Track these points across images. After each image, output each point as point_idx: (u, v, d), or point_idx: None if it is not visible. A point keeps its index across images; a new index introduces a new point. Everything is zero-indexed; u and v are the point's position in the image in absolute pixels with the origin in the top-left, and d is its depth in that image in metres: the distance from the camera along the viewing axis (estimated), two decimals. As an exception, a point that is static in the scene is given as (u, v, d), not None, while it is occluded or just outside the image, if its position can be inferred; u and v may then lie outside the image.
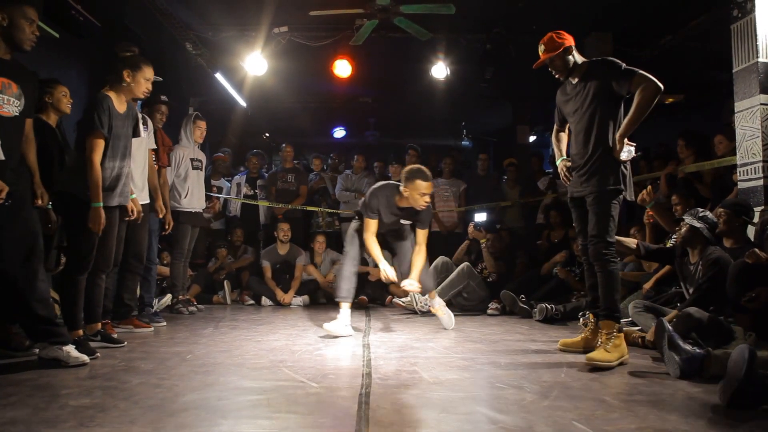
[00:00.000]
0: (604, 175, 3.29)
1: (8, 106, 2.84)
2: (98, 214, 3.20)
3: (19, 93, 2.90)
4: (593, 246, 3.31)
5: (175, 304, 5.30)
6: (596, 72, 3.35)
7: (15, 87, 2.88)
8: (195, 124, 5.35)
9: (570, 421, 2.06)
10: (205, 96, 8.67)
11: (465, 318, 5.20)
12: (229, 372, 2.88)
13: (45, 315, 2.95)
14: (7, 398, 2.31)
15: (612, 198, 3.29)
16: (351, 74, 7.30)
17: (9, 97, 2.85)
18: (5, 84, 2.84)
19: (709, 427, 2.03)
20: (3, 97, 2.82)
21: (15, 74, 2.90)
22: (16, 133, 2.93)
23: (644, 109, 3.19)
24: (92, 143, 3.21)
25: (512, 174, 7.51)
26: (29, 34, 2.90)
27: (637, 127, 3.23)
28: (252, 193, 7.33)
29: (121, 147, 3.42)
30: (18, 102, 2.89)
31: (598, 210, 3.30)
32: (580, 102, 3.40)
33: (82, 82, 5.59)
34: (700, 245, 3.66)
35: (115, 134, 3.34)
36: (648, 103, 3.18)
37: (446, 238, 7.06)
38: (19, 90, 2.90)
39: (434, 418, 2.12)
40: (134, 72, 3.42)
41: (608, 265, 3.28)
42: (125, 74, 3.40)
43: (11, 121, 2.86)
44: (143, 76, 3.45)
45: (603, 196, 3.29)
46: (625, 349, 3.20)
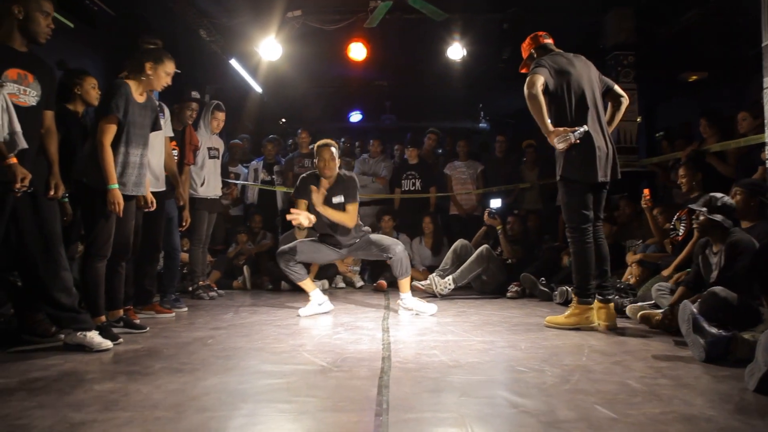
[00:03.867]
0: (558, 165, 3.64)
1: (25, 97, 2.86)
2: (115, 195, 3.20)
3: (35, 84, 2.91)
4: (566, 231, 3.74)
5: (195, 290, 5.34)
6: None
7: (31, 78, 2.89)
8: (213, 115, 5.34)
9: (592, 404, 2.04)
10: (220, 83, 8.65)
11: (484, 301, 5.18)
12: (250, 356, 2.90)
13: (68, 303, 2.99)
14: (34, 383, 2.36)
15: (565, 186, 3.64)
16: (366, 57, 7.22)
17: (26, 88, 2.86)
18: (21, 75, 2.85)
19: (736, 411, 1.99)
20: (20, 87, 2.84)
21: (31, 65, 2.91)
22: (33, 123, 2.94)
23: (531, 109, 3.48)
24: (104, 126, 3.22)
25: (531, 155, 7.41)
26: (44, 27, 2.90)
27: (539, 122, 3.48)
28: (269, 179, 7.34)
29: (137, 135, 3.42)
30: (35, 93, 2.90)
31: (561, 199, 3.75)
32: None
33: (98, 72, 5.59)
34: (721, 234, 3.46)
35: (131, 121, 3.34)
36: (529, 104, 3.47)
37: (465, 221, 7.02)
38: (36, 81, 2.91)
39: (454, 401, 2.11)
40: (156, 65, 3.42)
41: (573, 247, 3.66)
42: (147, 66, 3.39)
43: (28, 111, 2.88)
44: (164, 69, 3.46)
45: (559, 186, 3.70)
46: (583, 320, 3.60)
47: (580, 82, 3.63)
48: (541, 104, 3.43)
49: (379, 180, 7.23)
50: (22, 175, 2.64)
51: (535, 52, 3.87)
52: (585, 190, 3.60)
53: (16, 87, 2.83)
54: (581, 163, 3.53)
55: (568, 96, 3.60)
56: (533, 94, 3.43)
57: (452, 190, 7.15)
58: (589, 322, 3.62)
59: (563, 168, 3.59)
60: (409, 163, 7.24)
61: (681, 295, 3.52)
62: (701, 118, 5.33)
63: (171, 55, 3.53)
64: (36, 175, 2.95)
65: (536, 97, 3.42)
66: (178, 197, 4.61)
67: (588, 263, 3.63)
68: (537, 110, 3.45)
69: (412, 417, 1.92)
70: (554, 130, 3.45)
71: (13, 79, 2.82)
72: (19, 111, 2.81)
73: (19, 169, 2.63)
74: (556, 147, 3.51)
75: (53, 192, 3.02)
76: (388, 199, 7.18)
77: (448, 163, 7.35)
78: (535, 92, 3.43)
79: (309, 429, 1.83)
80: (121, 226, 3.41)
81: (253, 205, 7.39)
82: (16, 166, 2.63)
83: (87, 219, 3.28)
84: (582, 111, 3.59)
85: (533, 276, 5.30)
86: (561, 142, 3.44)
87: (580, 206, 3.59)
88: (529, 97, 3.45)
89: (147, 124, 3.51)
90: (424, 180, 7.10)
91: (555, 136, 3.45)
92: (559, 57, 3.73)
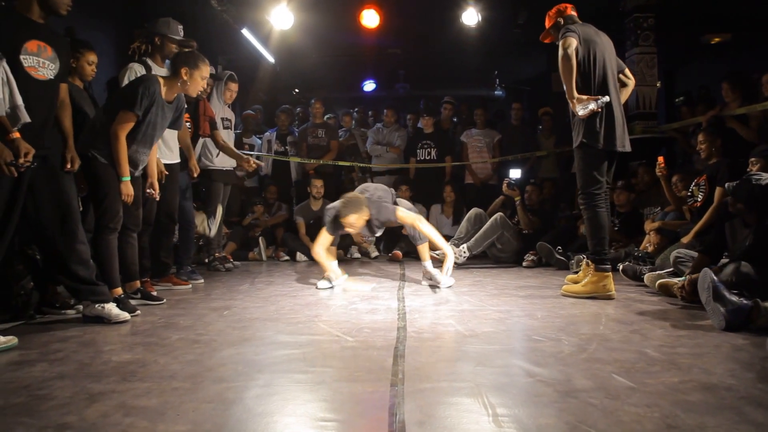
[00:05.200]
0: (574, 132, 3.68)
1: (43, 69, 2.82)
2: (127, 186, 3.27)
3: (54, 56, 2.87)
4: (578, 198, 3.80)
5: (212, 261, 5.38)
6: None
7: (50, 50, 2.85)
8: (227, 86, 5.30)
9: (609, 373, 2.02)
10: (232, 53, 8.58)
11: (500, 270, 5.16)
12: (266, 327, 2.91)
13: (86, 276, 3.02)
14: (54, 354, 2.40)
15: (579, 153, 3.67)
16: (379, 25, 7.10)
17: (44, 60, 2.82)
18: (41, 47, 2.81)
19: (758, 380, 1.95)
20: (38, 60, 2.79)
21: (50, 37, 2.86)
22: (50, 97, 2.91)
23: (562, 73, 3.46)
24: (122, 118, 3.19)
25: (547, 123, 7.30)
26: None
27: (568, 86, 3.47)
28: (282, 149, 7.32)
29: (151, 135, 3.41)
30: (53, 65, 2.86)
31: (576, 165, 3.78)
32: None
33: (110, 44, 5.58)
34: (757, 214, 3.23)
35: (150, 121, 3.32)
36: (561, 68, 3.45)
37: (480, 190, 6.98)
38: (54, 53, 2.87)
39: (470, 371, 2.10)
40: (192, 71, 3.35)
41: (587, 213, 3.68)
42: (183, 72, 3.34)
43: (46, 84, 2.85)
44: (201, 74, 3.39)
45: (576, 153, 3.71)
46: (600, 288, 3.58)
47: (604, 54, 3.67)
48: (573, 66, 3.44)
49: (393, 150, 7.17)
50: (26, 149, 2.59)
51: (562, 20, 3.81)
52: (602, 158, 3.64)
53: (35, 59, 2.78)
54: (603, 131, 3.56)
55: (593, 64, 3.61)
56: (569, 55, 3.41)
57: (468, 158, 7.08)
58: (605, 291, 3.59)
59: (584, 134, 3.59)
60: (424, 132, 7.16)
61: (700, 263, 3.46)
62: (723, 81, 5.17)
63: (205, 58, 3.46)
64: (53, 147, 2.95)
65: (570, 58, 3.42)
66: (191, 169, 4.60)
67: (603, 227, 3.66)
68: (568, 72, 3.44)
69: (428, 387, 1.92)
70: (578, 97, 3.46)
71: (32, 52, 2.76)
72: (36, 84, 2.78)
73: (22, 144, 2.59)
74: (578, 113, 3.51)
75: (70, 165, 3.02)
76: (404, 168, 7.13)
77: (465, 131, 7.25)
78: (570, 52, 3.42)
79: (325, 399, 1.84)
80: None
81: (268, 177, 7.39)
82: (19, 141, 2.58)
83: (95, 193, 3.28)
84: (605, 81, 3.62)
85: (549, 245, 5.25)
86: (583, 110, 3.46)
87: (595, 172, 3.62)
88: (563, 57, 3.42)
89: (165, 124, 3.48)
90: (439, 149, 7.03)
91: (578, 102, 3.46)
92: (586, 27, 3.72)
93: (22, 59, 2.73)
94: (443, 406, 1.75)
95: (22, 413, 1.71)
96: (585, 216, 3.73)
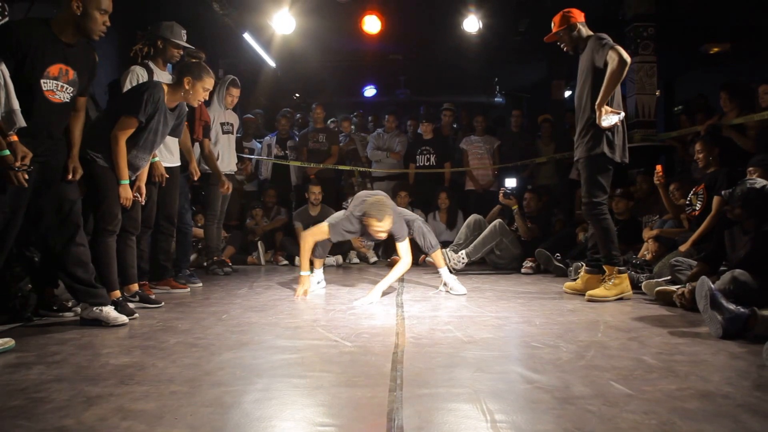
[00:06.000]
0: (591, 141, 3.72)
1: (61, 93, 2.82)
2: (126, 190, 3.29)
3: (74, 80, 2.87)
4: (584, 207, 3.88)
5: (210, 265, 5.38)
6: (589, 46, 3.77)
7: (72, 74, 2.85)
8: (228, 91, 5.30)
9: (608, 381, 2.02)
10: (234, 57, 8.60)
11: (499, 276, 5.16)
12: (264, 331, 2.91)
13: (84, 277, 3.01)
14: (52, 357, 2.39)
15: (596, 163, 3.72)
16: (380, 30, 7.13)
17: (64, 84, 2.82)
18: (63, 71, 2.81)
19: (754, 388, 1.96)
20: (58, 84, 2.79)
21: (75, 60, 2.86)
22: (63, 116, 2.93)
23: (613, 80, 3.52)
24: (125, 123, 3.20)
25: (547, 131, 7.32)
26: (101, 24, 2.84)
27: (609, 95, 3.56)
28: (282, 154, 7.32)
29: (152, 141, 3.41)
30: (72, 89, 2.87)
31: (585, 174, 3.82)
32: (580, 73, 3.88)
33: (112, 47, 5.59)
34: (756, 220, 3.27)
35: (151, 128, 3.33)
36: (615, 75, 3.50)
37: (481, 196, 6.98)
38: (75, 76, 2.87)
39: (468, 377, 2.10)
40: (195, 81, 3.37)
41: (598, 222, 3.81)
42: (185, 81, 3.36)
43: (61, 106, 2.86)
44: (203, 85, 3.42)
45: (589, 161, 3.76)
46: (625, 287, 3.77)
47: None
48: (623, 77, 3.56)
49: (393, 155, 7.18)
50: (23, 153, 2.59)
51: (584, 27, 3.88)
52: (612, 169, 3.80)
53: (55, 83, 2.78)
54: (619, 145, 3.73)
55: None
56: (627, 63, 3.49)
57: (468, 165, 7.09)
58: (629, 290, 3.80)
59: (604, 146, 3.68)
60: (424, 138, 7.18)
61: (700, 271, 3.47)
62: (721, 91, 5.19)
63: (210, 71, 3.48)
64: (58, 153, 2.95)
65: (626, 68, 3.52)
66: (191, 172, 4.61)
67: (613, 232, 3.84)
68: (617, 81, 3.54)
69: (426, 392, 1.92)
70: (608, 109, 3.55)
71: (53, 76, 2.77)
72: (51, 106, 2.79)
73: (20, 148, 2.57)
74: (602, 124, 3.57)
75: (71, 176, 3.00)
76: (403, 174, 7.14)
77: (465, 138, 7.27)
78: (629, 62, 3.50)
79: (323, 404, 1.84)
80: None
81: (267, 181, 7.40)
82: (16, 144, 2.57)
83: (94, 195, 3.28)
84: (618, 96, 3.75)
85: (548, 252, 5.26)
86: (607, 122, 3.55)
87: (605, 182, 3.79)
88: (622, 65, 3.48)
89: (167, 131, 3.49)
90: (438, 155, 7.04)
91: (605, 113, 3.54)
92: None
93: (42, 83, 2.74)
94: (441, 411, 1.76)
95: (19, 416, 1.71)
96: (595, 224, 3.84)
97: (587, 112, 3.75)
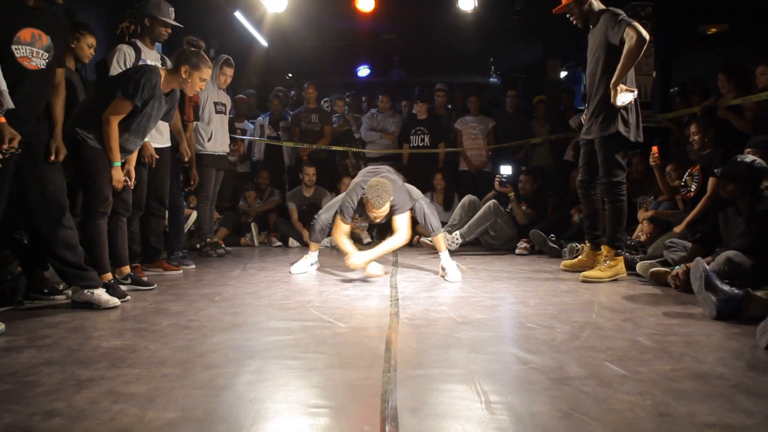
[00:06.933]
0: (605, 120, 3.67)
1: (36, 59, 2.74)
2: (117, 172, 3.26)
3: (48, 45, 2.78)
4: (603, 185, 3.83)
5: (203, 247, 5.35)
6: (602, 22, 3.68)
7: (45, 38, 2.76)
8: (221, 70, 5.21)
9: (602, 361, 2.02)
10: (225, 36, 8.48)
11: (493, 257, 5.16)
12: (257, 313, 2.90)
13: (74, 260, 2.97)
14: (42, 340, 2.37)
15: (613, 142, 3.68)
16: (374, 9, 7.02)
17: (38, 50, 2.73)
18: (35, 35, 2.72)
19: (748, 369, 1.97)
20: (32, 49, 2.71)
21: (46, 24, 2.77)
22: (42, 86, 2.84)
23: (631, 59, 3.44)
24: (119, 106, 3.14)
25: (542, 111, 7.27)
26: None
27: (626, 74, 3.49)
28: (275, 134, 7.25)
29: (144, 126, 3.36)
30: (47, 54, 2.78)
31: (602, 154, 3.75)
32: (591, 49, 3.82)
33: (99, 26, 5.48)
34: (749, 199, 3.30)
35: (146, 113, 3.28)
36: (633, 53, 3.42)
37: (475, 177, 6.96)
38: (49, 41, 2.78)
39: (463, 357, 2.10)
40: (192, 71, 3.33)
41: (615, 202, 3.79)
42: (183, 70, 3.31)
43: (38, 73, 2.77)
44: (200, 75, 3.37)
45: (605, 141, 3.70)
46: (620, 269, 3.80)
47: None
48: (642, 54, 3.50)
49: (387, 136, 7.13)
50: (11, 135, 2.52)
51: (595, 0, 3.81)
52: (628, 148, 3.83)
53: (29, 49, 2.69)
54: (633, 123, 3.70)
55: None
56: (647, 40, 3.41)
57: (462, 145, 7.05)
58: (624, 272, 3.83)
59: (619, 124, 3.64)
60: (418, 118, 7.12)
61: (694, 252, 3.47)
62: (719, 72, 5.15)
63: (209, 61, 3.44)
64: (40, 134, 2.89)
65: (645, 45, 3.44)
66: (182, 153, 4.55)
67: (625, 215, 3.87)
68: (635, 58, 3.45)
69: (420, 373, 1.91)
70: (624, 87, 3.49)
71: (26, 41, 2.68)
72: (29, 74, 2.71)
73: (7, 129, 2.52)
74: (617, 102, 3.51)
75: (54, 157, 2.92)
76: (397, 154, 7.10)
77: (459, 119, 7.22)
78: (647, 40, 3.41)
79: (317, 385, 1.83)
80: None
81: (260, 162, 7.34)
82: (4, 126, 2.51)
83: (84, 177, 3.23)
84: (632, 74, 3.64)
85: (543, 233, 5.25)
86: (621, 100, 3.49)
87: (622, 160, 3.78)
88: (642, 41, 3.39)
89: (158, 116, 3.44)
90: (433, 135, 6.99)
91: (621, 91, 3.48)
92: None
93: (14, 49, 2.64)
94: (436, 392, 1.75)
95: (9, 400, 1.69)
96: (611, 203, 3.82)
97: (600, 92, 3.69)
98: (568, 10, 3.83)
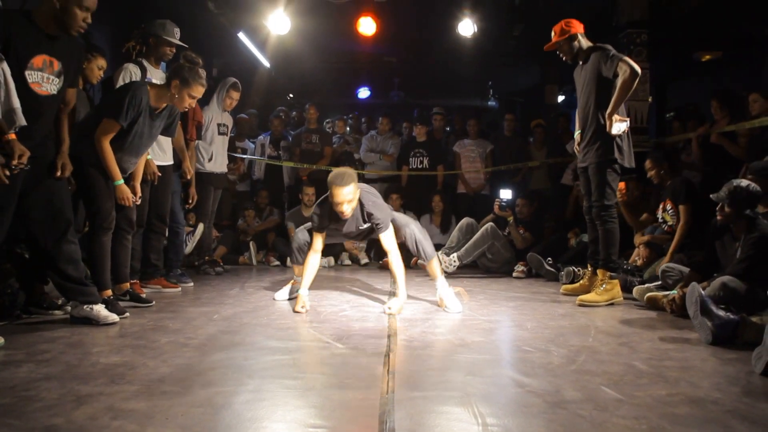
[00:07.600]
0: (599, 148, 3.83)
1: (47, 85, 2.79)
2: (123, 190, 3.31)
3: (59, 71, 2.84)
4: (594, 209, 3.95)
5: (201, 265, 5.36)
6: (593, 59, 3.86)
7: (57, 65, 2.82)
8: (228, 93, 5.25)
9: (598, 385, 2.04)
10: (228, 57, 8.58)
11: (490, 280, 5.18)
12: (256, 332, 2.91)
13: (75, 275, 2.99)
14: (41, 355, 2.38)
15: (606, 168, 3.83)
16: (375, 32, 7.12)
17: (49, 76, 2.79)
18: (47, 62, 2.78)
19: (743, 394, 1.98)
20: (43, 75, 2.76)
21: (60, 52, 2.83)
22: (51, 109, 2.90)
23: (625, 91, 3.65)
24: (106, 126, 3.18)
25: (539, 135, 7.34)
26: (80, 21, 2.77)
27: (620, 105, 3.70)
28: (276, 154, 7.30)
29: (139, 145, 3.38)
30: (57, 80, 2.83)
31: (597, 179, 3.89)
32: (582, 83, 3.98)
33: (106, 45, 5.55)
34: (746, 224, 3.31)
35: (137, 132, 3.30)
36: (627, 85, 3.63)
37: (473, 199, 6.98)
38: (60, 67, 2.84)
39: (460, 380, 2.11)
40: (182, 87, 3.32)
41: (606, 224, 3.91)
42: (173, 84, 3.31)
43: (48, 98, 2.83)
44: (190, 93, 3.34)
45: (599, 167, 3.86)
46: (617, 293, 3.86)
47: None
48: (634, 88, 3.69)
49: (386, 157, 7.18)
50: (20, 152, 2.57)
51: (583, 38, 3.97)
52: (620, 174, 3.96)
53: (40, 75, 2.75)
54: (627, 150, 3.87)
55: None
56: (639, 75, 3.62)
57: (461, 168, 7.10)
58: (620, 296, 3.89)
59: (616, 152, 3.80)
60: (417, 140, 7.18)
61: (690, 279, 3.49)
62: (712, 99, 5.24)
63: (202, 79, 3.39)
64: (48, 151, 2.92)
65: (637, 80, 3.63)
66: (184, 171, 4.59)
67: (617, 236, 3.96)
68: (628, 91, 3.65)
69: (418, 395, 1.92)
70: (618, 117, 3.67)
71: (38, 67, 2.74)
72: (38, 100, 2.77)
73: (17, 146, 2.56)
74: (612, 131, 3.68)
75: (60, 173, 2.97)
76: (396, 176, 7.15)
77: (458, 141, 7.28)
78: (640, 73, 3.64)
79: (315, 405, 1.83)
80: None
81: (260, 181, 7.37)
82: (14, 142, 2.55)
83: (85, 194, 3.27)
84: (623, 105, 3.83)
85: (540, 256, 5.28)
86: (616, 129, 3.67)
87: (615, 186, 3.95)
88: (636, 77, 3.61)
89: (155, 133, 3.46)
90: (431, 158, 7.04)
91: (615, 121, 3.65)
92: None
93: (27, 75, 2.70)
94: (433, 414, 1.76)
95: (8, 415, 1.70)
96: (604, 227, 3.93)
97: (594, 122, 3.86)
98: (557, 47, 4.01)
